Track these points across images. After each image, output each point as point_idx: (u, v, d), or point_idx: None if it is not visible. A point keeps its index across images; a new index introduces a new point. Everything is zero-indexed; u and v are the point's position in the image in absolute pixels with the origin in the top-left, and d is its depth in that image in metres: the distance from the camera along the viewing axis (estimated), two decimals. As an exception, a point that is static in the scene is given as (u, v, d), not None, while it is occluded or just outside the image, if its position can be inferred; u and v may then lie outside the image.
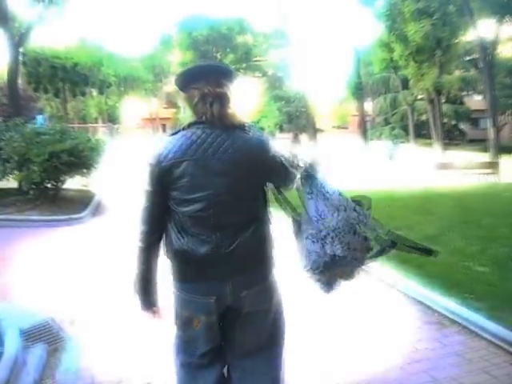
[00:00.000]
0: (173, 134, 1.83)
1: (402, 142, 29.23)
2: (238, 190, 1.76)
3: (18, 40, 11.97)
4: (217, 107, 1.76)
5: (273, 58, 37.13)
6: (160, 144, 1.81)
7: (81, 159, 8.04)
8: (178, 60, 25.60)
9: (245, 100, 33.48)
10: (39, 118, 26.11)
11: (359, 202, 1.85)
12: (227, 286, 1.78)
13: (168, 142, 1.79)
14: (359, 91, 19.33)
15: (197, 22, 24.24)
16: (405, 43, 24.29)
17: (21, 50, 12.75)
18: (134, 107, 39.27)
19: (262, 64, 32.74)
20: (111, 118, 40.66)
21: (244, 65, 27.03)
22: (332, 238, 1.75)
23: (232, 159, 1.73)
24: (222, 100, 1.78)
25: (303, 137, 26.21)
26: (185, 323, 1.88)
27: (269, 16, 30.59)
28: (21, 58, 13.80)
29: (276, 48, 36.39)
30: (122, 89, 35.86)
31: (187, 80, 1.83)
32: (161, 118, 43.64)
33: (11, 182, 9.38)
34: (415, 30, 22.98)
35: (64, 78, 22.16)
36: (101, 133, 29.17)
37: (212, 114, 1.75)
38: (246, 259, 1.77)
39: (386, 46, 26.68)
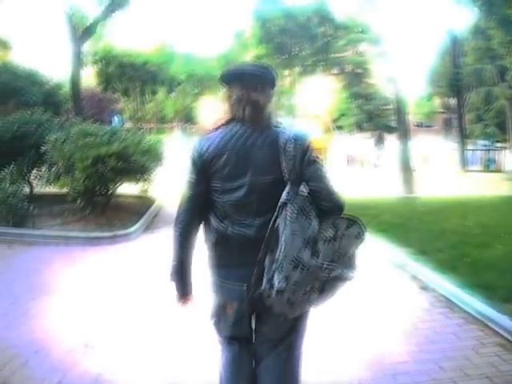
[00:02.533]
0: (214, 130, 1.93)
1: (497, 142, 25.75)
2: (276, 178, 1.81)
3: (81, 35, 11.04)
4: (249, 112, 1.87)
5: (352, 53, 34.77)
6: (202, 139, 1.93)
7: (130, 164, 6.68)
8: (251, 54, 23.95)
9: (322, 98, 31.51)
10: (116, 119, 26.13)
11: (353, 219, 1.82)
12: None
13: (209, 136, 1.92)
14: (457, 83, 16.61)
15: (271, 12, 22.39)
16: (507, 28, 21.01)
17: (84, 46, 11.82)
18: (210, 107, 38.68)
19: (341, 60, 30.46)
20: (188, 118, 40.34)
21: (322, 56, 24.74)
22: (277, 270, 1.73)
23: (267, 152, 1.83)
24: (255, 105, 1.87)
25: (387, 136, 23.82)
26: (218, 308, 2.00)
27: (348, 6, 27.91)
28: (91, 57, 12.88)
29: (356, 43, 33.97)
30: (199, 89, 35.23)
31: (227, 81, 1.93)
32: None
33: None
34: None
35: (133, 76, 21.51)
36: (175, 133, 28.66)
37: (243, 117, 1.87)
38: None
39: (482, 34, 23.47)
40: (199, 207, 1.95)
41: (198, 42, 53.09)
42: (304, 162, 1.83)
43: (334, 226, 1.79)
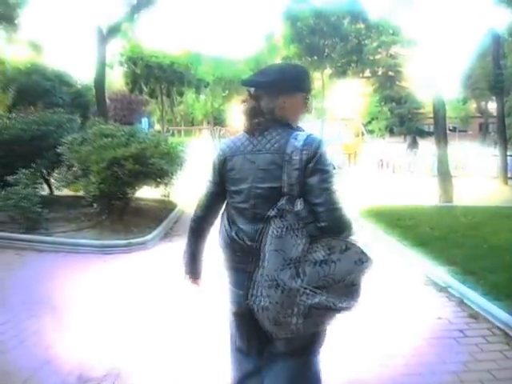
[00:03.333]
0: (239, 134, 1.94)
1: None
2: (277, 186, 1.74)
3: (106, 35, 10.72)
4: (249, 120, 1.86)
5: (384, 55, 33.75)
6: (224, 141, 1.98)
7: (148, 167, 6.21)
8: (281, 55, 23.28)
9: (353, 101, 30.69)
10: (144, 121, 26.02)
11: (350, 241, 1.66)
12: None
13: (229, 140, 1.95)
14: (499, 84, 15.56)
15: (301, 11, 21.55)
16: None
17: (111, 47, 11.51)
18: (238, 110, 38.34)
19: (373, 62, 29.50)
20: (217, 121, 40.15)
21: (354, 58, 23.84)
22: (261, 286, 1.67)
23: (271, 159, 1.77)
24: (252, 113, 1.85)
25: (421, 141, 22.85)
26: (229, 313, 2.03)
27: (382, 5, 26.87)
28: (119, 58, 12.61)
29: (388, 45, 32.95)
30: (228, 91, 34.93)
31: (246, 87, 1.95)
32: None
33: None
34: None
35: (160, 77, 21.16)
36: (204, 135, 28.38)
37: (249, 127, 1.87)
38: None
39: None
40: (215, 206, 2.00)
41: (227, 44, 52.55)
42: (307, 171, 1.71)
43: (327, 249, 1.63)
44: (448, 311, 3.97)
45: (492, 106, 40.30)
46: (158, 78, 21.82)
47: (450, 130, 37.59)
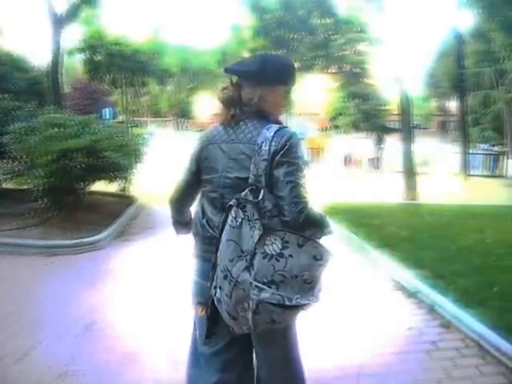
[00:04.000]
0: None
1: (495, 146, 25.01)
2: (244, 175, 1.69)
3: (63, 19, 9.97)
4: (227, 112, 1.81)
5: (350, 52, 33.81)
6: (205, 130, 1.92)
7: (101, 160, 5.70)
8: (248, 48, 22.72)
9: (319, 96, 30.60)
10: (106, 111, 25.00)
11: (306, 237, 1.58)
12: None
13: (209, 129, 1.89)
14: (461, 84, 15.63)
15: (269, 3, 20.93)
16: (509, 31, 20.13)
17: (69, 33, 10.75)
18: (205, 103, 37.69)
19: (340, 58, 29.43)
20: (183, 113, 39.26)
21: (322, 52, 23.54)
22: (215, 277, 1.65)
23: (242, 149, 1.73)
24: (234, 103, 1.79)
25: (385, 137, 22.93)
26: (195, 306, 1.90)
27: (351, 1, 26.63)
28: (78, 44, 11.83)
29: (355, 42, 32.99)
30: (194, 83, 34.17)
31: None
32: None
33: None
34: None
35: (122, 66, 20.17)
36: (169, 127, 27.63)
37: (224, 117, 1.82)
38: None
39: (483, 36, 22.59)
40: (190, 193, 1.97)
41: (193, 34, 50.84)
42: (273, 163, 1.66)
43: (282, 242, 1.54)
44: (418, 320, 3.71)
45: (452, 105, 41.22)
46: (119, 67, 20.79)
47: (411, 127, 38.27)
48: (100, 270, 4.75)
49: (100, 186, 7.53)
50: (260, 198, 1.62)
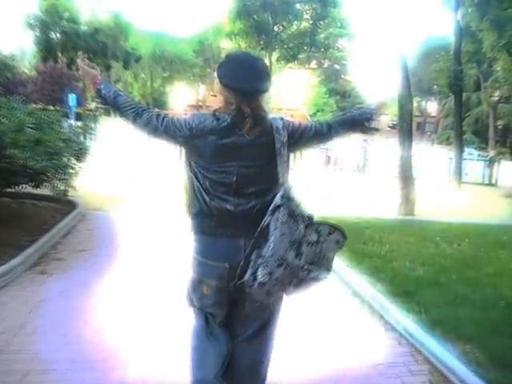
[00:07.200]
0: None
1: (476, 149, 24.04)
2: (258, 162, 1.84)
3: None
4: (250, 125, 1.82)
5: (331, 47, 32.38)
6: (196, 114, 1.90)
7: (3, 161, 3.87)
8: (225, 31, 20.76)
9: (299, 91, 29.06)
10: (71, 98, 22.66)
11: (335, 226, 1.84)
12: (241, 248, 1.81)
13: (203, 115, 1.88)
14: (458, 83, 14.29)
15: None
16: (499, 31, 18.97)
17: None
18: (181, 93, 35.65)
19: (326, 46, 27.88)
20: (157, 103, 37.11)
21: (308, 39, 21.79)
22: (262, 265, 1.75)
23: (253, 139, 1.82)
24: (255, 118, 1.84)
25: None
26: (195, 284, 1.94)
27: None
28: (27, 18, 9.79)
29: (336, 37, 31.54)
30: (169, 72, 32.06)
31: (226, 83, 1.92)
32: (207, 106, 39.58)
33: None
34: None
35: (78, 46, 17.85)
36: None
37: (244, 127, 1.83)
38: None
39: (471, 36, 21.45)
40: (152, 124, 1.89)
41: (169, 19, 47.53)
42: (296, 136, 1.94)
43: (317, 232, 1.82)
44: None
45: (431, 106, 40.36)
46: (74, 48, 18.34)
47: (389, 126, 37.21)
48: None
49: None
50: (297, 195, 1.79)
